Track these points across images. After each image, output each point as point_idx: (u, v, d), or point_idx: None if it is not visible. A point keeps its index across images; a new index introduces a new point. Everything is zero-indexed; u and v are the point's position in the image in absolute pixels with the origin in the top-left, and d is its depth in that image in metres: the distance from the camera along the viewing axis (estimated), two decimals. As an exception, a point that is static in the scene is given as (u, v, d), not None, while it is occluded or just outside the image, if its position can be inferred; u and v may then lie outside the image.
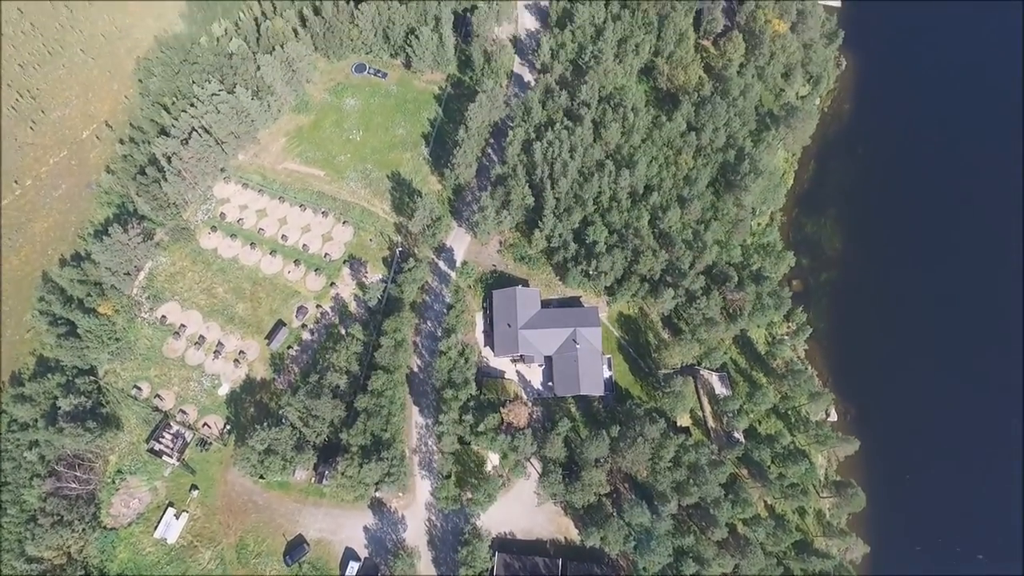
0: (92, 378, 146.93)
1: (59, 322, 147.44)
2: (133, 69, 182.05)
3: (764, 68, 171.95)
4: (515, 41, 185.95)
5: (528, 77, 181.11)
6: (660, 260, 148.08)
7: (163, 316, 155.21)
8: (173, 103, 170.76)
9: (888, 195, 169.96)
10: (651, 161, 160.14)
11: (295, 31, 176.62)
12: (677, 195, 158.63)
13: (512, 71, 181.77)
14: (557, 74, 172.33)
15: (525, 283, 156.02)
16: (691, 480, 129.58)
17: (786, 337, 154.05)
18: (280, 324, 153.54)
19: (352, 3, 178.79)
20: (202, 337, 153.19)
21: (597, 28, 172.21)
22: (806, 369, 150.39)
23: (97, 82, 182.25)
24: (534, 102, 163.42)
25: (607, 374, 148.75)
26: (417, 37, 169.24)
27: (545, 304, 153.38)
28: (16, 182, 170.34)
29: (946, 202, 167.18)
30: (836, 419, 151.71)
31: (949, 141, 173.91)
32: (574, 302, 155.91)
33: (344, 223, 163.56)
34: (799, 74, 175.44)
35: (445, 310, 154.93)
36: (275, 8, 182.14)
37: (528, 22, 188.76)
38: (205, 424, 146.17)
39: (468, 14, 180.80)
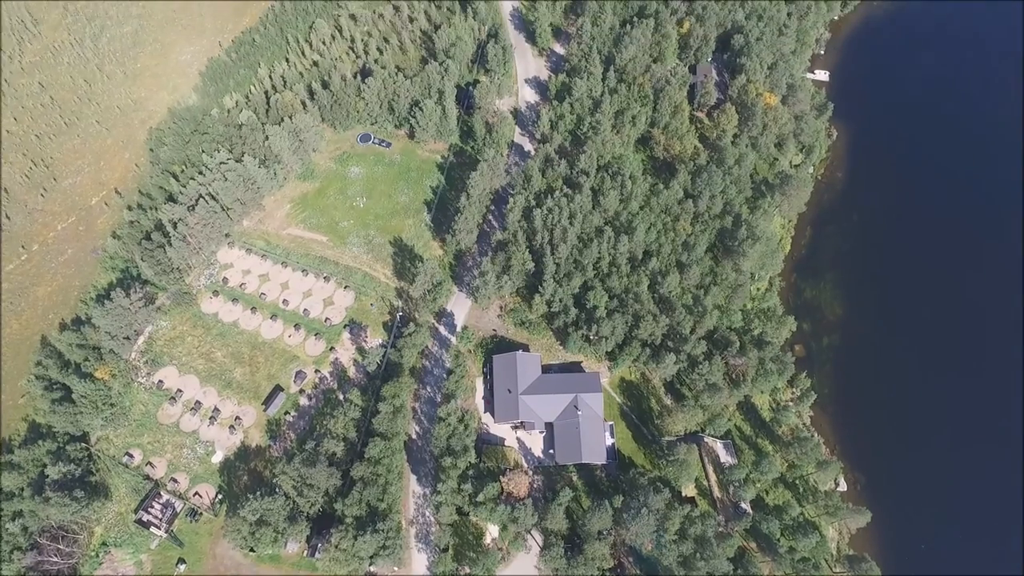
0: (83, 445, 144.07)
1: (54, 387, 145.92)
2: (145, 139, 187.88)
3: (757, 138, 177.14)
4: (516, 113, 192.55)
5: (528, 147, 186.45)
6: (661, 325, 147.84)
7: (160, 381, 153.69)
8: (182, 171, 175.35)
9: (885, 259, 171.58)
10: (649, 227, 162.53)
11: (303, 103, 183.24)
12: (676, 260, 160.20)
13: (513, 141, 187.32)
14: (556, 144, 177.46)
15: (526, 348, 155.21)
16: (698, 554, 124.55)
17: (790, 403, 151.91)
18: (278, 389, 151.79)
19: (359, 77, 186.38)
20: (198, 402, 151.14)
21: (595, 101, 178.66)
22: (812, 436, 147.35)
23: (110, 151, 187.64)
24: (534, 170, 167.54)
25: (609, 441, 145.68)
26: (421, 109, 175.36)
27: (546, 369, 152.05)
28: (23, 247, 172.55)
29: (943, 264, 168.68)
30: (846, 489, 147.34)
31: (941, 205, 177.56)
32: (575, 367, 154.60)
33: (345, 288, 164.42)
34: (792, 144, 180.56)
35: (445, 375, 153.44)
36: (285, 82, 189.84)
37: (528, 95, 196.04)
38: (196, 493, 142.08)
39: (470, 87, 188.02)
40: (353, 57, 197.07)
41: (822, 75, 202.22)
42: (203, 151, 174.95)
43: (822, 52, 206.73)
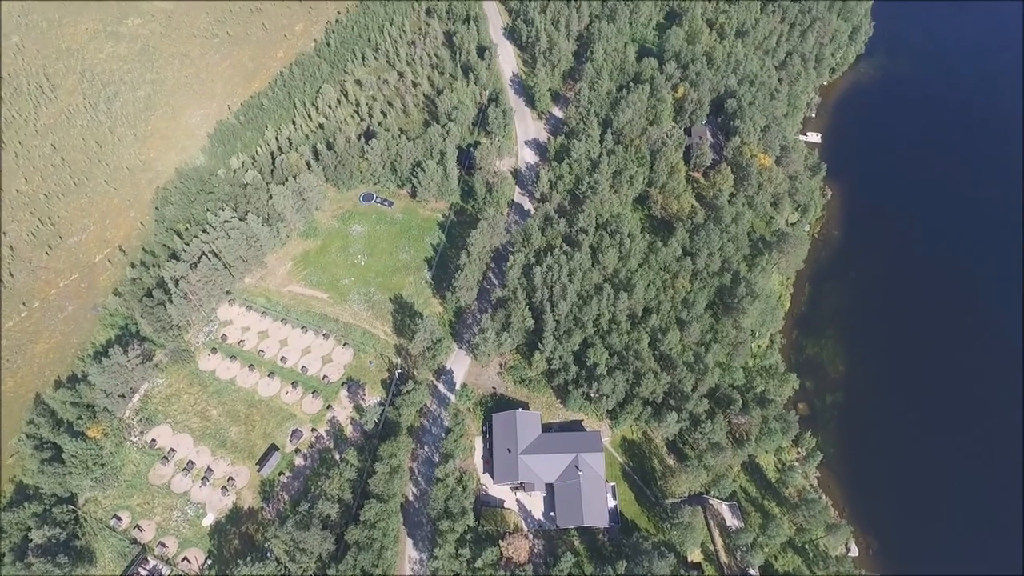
0: (70, 507, 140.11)
1: (45, 446, 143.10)
2: (152, 198, 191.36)
3: (753, 197, 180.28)
4: (516, 173, 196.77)
5: (528, 206, 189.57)
6: (662, 383, 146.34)
7: (153, 440, 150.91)
8: (186, 229, 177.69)
9: (884, 316, 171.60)
10: (649, 285, 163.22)
11: (308, 164, 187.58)
12: (676, 317, 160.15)
13: (512, 200, 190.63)
14: (556, 203, 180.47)
15: (525, 406, 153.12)
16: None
17: (796, 464, 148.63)
18: (273, 449, 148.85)
19: (363, 139, 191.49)
20: (191, 462, 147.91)
21: (593, 161, 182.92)
22: (820, 498, 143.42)
23: (116, 210, 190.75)
24: (534, 229, 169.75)
25: (612, 504, 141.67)
26: (423, 169, 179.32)
27: (546, 428, 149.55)
28: (24, 304, 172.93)
29: (942, 319, 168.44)
30: (858, 554, 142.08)
31: (937, 261, 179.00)
32: (576, 426, 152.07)
33: (344, 345, 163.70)
34: (787, 203, 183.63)
35: (443, 434, 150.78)
36: (291, 143, 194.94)
37: (528, 156, 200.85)
38: (185, 559, 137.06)
39: (471, 149, 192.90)
40: (358, 120, 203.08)
41: (814, 137, 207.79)
42: (208, 210, 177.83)
43: (813, 115, 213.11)
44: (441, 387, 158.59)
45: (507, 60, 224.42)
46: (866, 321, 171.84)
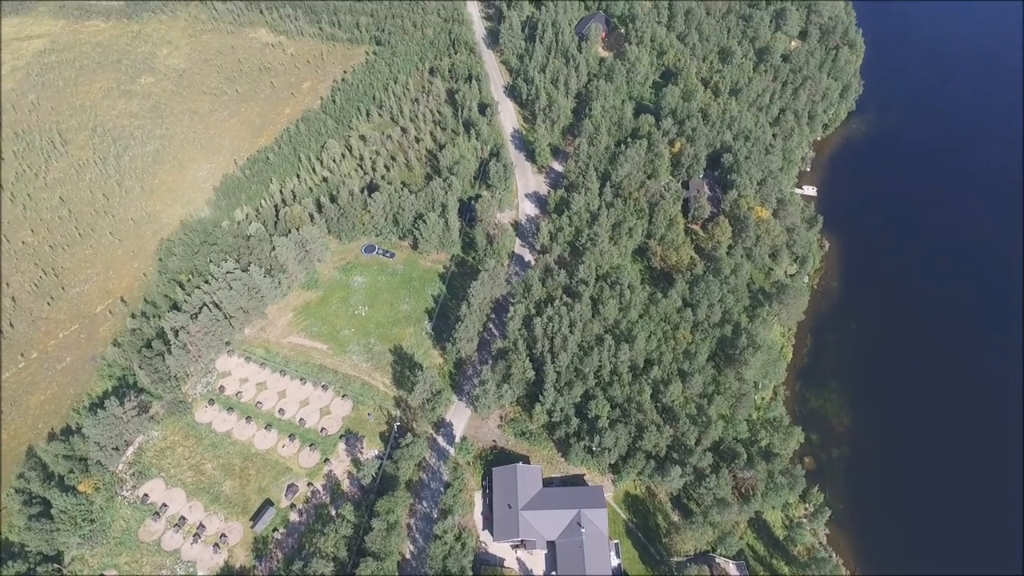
0: (56, 566, 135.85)
1: (34, 501, 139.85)
2: (156, 249, 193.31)
3: (752, 249, 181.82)
4: (516, 225, 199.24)
5: (528, 257, 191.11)
6: (665, 436, 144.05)
7: (145, 495, 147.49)
8: (189, 280, 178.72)
9: (887, 367, 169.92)
10: (650, 336, 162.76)
11: (311, 216, 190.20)
12: (678, 369, 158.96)
13: (513, 252, 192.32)
14: (556, 255, 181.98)
15: (526, 460, 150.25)
16: None
17: (804, 520, 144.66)
18: (267, 504, 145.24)
19: (366, 192, 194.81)
20: (183, 518, 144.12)
21: (592, 214, 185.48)
22: (831, 557, 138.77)
23: (120, 261, 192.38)
24: (534, 280, 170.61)
25: (615, 562, 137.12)
26: (424, 221, 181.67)
27: (547, 483, 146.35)
28: (22, 355, 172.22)
29: (945, 368, 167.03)
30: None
31: (937, 311, 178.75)
32: (578, 480, 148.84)
33: (343, 397, 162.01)
34: (786, 254, 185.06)
35: (442, 489, 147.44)
36: (295, 196, 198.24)
37: (528, 208, 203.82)
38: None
39: (473, 201, 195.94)
40: (361, 174, 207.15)
41: (810, 190, 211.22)
42: (211, 261, 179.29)
43: (808, 169, 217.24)
44: (440, 440, 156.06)
45: (508, 116, 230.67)
46: (869, 373, 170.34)
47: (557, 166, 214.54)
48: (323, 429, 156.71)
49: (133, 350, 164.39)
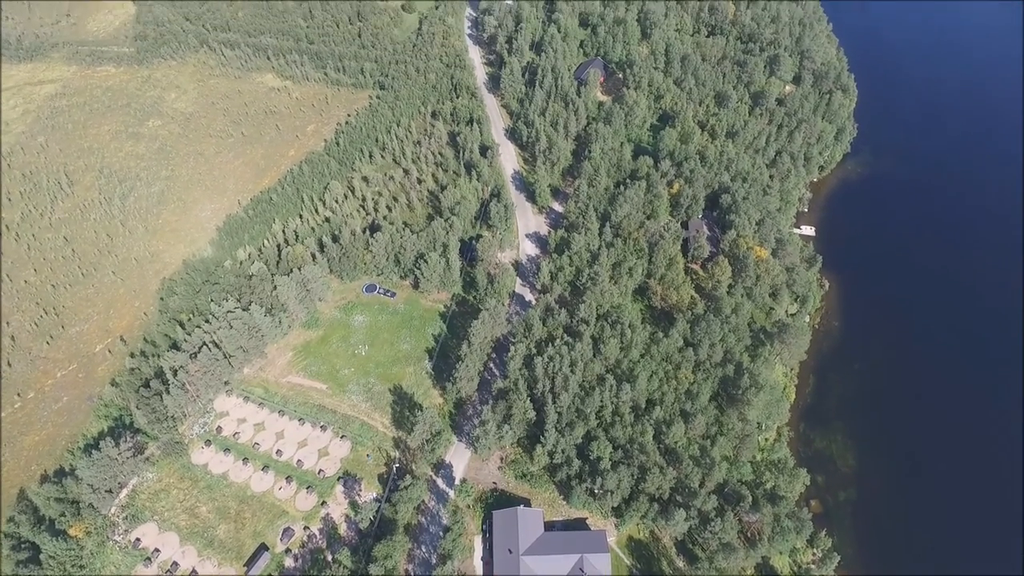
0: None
1: (23, 546, 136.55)
2: (157, 288, 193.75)
3: (752, 288, 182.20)
4: (517, 265, 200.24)
5: (529, 297, 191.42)
6: (668, 478, 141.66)
7: (137, 539, 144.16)
8: (189, 319, 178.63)
9: (892, 406, 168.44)
10: (651, 376, 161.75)
11: (313, 255, 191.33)
12: (680, 409, 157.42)
13: (514, 291, 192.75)
14: (556, 294, 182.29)
15: (527, 503, 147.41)
16: None
17: (813, 566, 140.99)
18: (262, 548, 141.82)
19: (368, 232, 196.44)
20: (175, 563, 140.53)
21: (592, 254, 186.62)
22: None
23: (121, 300, 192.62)
24: (535, 319, 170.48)
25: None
26: (426, 261, 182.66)
27: (549, 526, 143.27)
28: (18, 395, 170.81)
29: (952, 407, 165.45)
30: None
31: (939, 350, 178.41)
32: (580, 524, 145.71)
33: (342, 437, 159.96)
34: (786, 294, 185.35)
35: (441, 533, 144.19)
36: (297, 236, 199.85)
37: (529, 248, 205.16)
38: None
39: (474, 241, 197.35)
40: (363, 214, 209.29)
41: (808, 230, 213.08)
42: (212, 300, 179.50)
43: (806, 209, 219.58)
44: (440, 482, 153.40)
45: (508, 158, 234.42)
46: (874, 413, 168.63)
47: (557, 206, 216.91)
48: (321, 471, 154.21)
49: (131, 390, 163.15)
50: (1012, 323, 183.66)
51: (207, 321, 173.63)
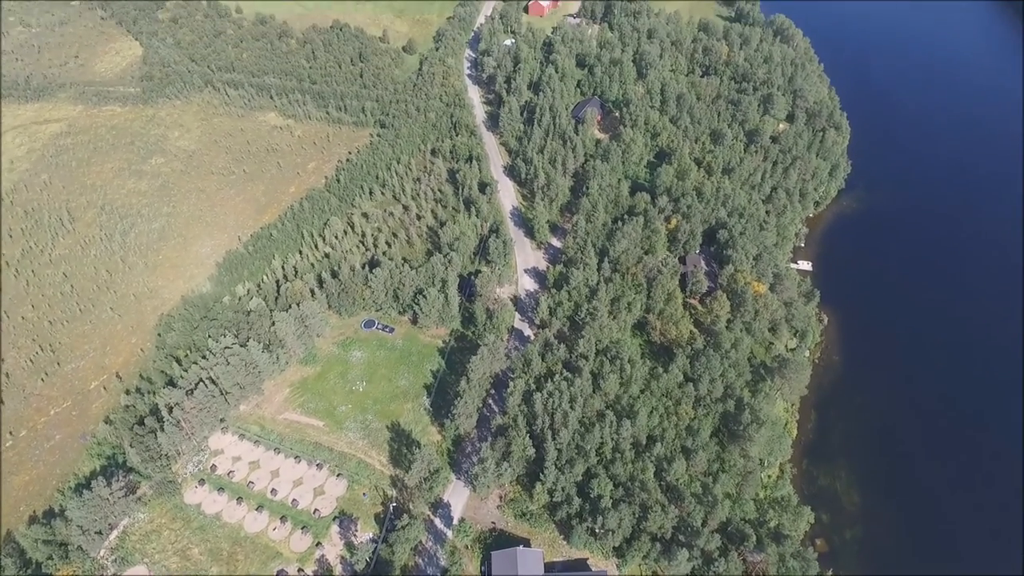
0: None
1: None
2: (155, 324, 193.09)
3: (751, 323, 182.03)
4: (516, 300, 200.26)
5: (528, 332, 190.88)
6: (670, 516, 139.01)
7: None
8: (186, 355, 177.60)
9: (896, 442, 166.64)
10: (651, 412, 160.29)
11: (312, 291, 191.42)
12: (681, 446, 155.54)
13: (512, 327, 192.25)
14: (555, 329, 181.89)
15: (527, 543, 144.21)
16: None
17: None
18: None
19: (367, 268, 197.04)
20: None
21: (591, 289, 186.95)
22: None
23: (118, 336, 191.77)
24: (534, 355, 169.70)
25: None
26: (425, 296, 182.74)
27: (549, 567, 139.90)
28: (11, 433, 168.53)
29: (956, 442, 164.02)
30: None
31: (941, 383, 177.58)
32: (581, 565, 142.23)
33: (338, 476, 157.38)
34: (785, 329, 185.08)
35: (439, 575, 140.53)
36: (296, 272, 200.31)
37: (527, 284, 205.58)
38: None
39: (472, 277, 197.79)
40: (363, 250, 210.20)
41: (805, 265, 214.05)
42: (209, 336, 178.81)
43: (802, 244, 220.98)
44: (438, 522, 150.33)
45: (507, 195, 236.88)
46: (877, 447, 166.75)
47: (556, 242, 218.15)
48: (316, 510, 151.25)
49: (125, 427, 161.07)
50: (1011, 349, 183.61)
51: (204, 357, 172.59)
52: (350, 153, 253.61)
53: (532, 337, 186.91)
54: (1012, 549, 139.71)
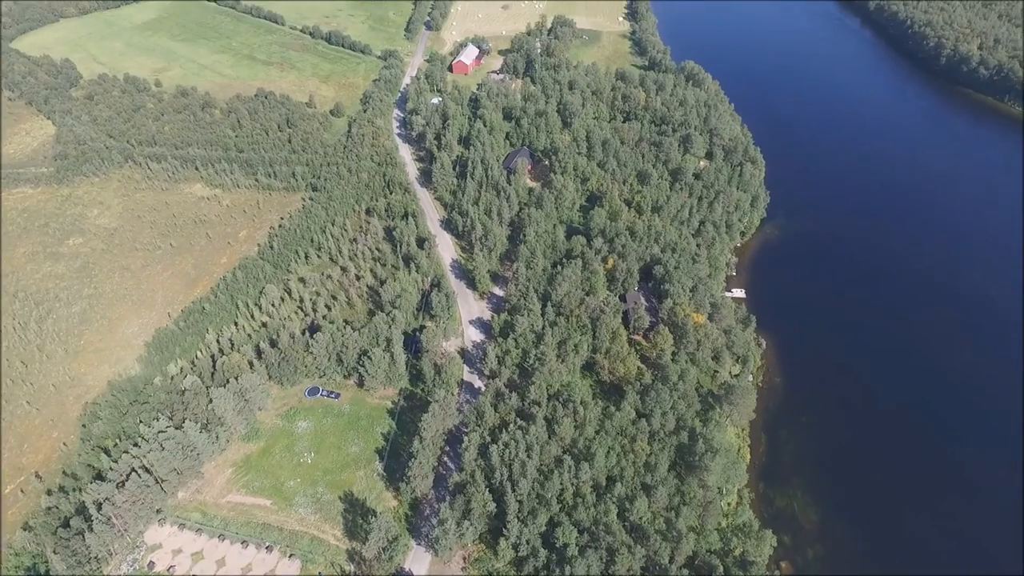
0: None
1: None
2: (79, 415, 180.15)
3: (695, 354, 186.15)
4: (463, 352, 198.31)
5: (478, 383, 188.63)
6: (638, 557, 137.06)
7: None
8: (115, 445, 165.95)
9: (844, 457, 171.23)
10: (608, 451, 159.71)
11: (250, 363, 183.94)
12: (641, 483, 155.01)
13: (462, 380, 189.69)
14: (505, 378, 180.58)
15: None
16: None
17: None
18: None
19: (307, 333, 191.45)
20: None
21: (537, 334, 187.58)
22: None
23: (36, 432, 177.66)
24: (486, 406, 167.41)
25: None
26: (369, 358, 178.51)
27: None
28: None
29: (903, 450, 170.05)
30: None
31: (882, 394, 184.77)
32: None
33: (290, 557, 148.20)
34: (727, 356, 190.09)
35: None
36: (233, 345, 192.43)
37: (473, 335, 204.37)
38: None
39: (417, 333, 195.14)
40: (302, 315, 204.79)
41: (739, 292, 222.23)
42: (140, 421, 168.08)
43: (734, 273, 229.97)
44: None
45: (446, 248, 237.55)
46: (827, 464, 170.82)
47: (498, 291, 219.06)
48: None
49: (47, 532, 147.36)
50: (933, 349, 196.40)
51: (136, 445, 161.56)
52: (282, 218, 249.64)
53: (483, 388, 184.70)
54: (968, 547, 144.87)
